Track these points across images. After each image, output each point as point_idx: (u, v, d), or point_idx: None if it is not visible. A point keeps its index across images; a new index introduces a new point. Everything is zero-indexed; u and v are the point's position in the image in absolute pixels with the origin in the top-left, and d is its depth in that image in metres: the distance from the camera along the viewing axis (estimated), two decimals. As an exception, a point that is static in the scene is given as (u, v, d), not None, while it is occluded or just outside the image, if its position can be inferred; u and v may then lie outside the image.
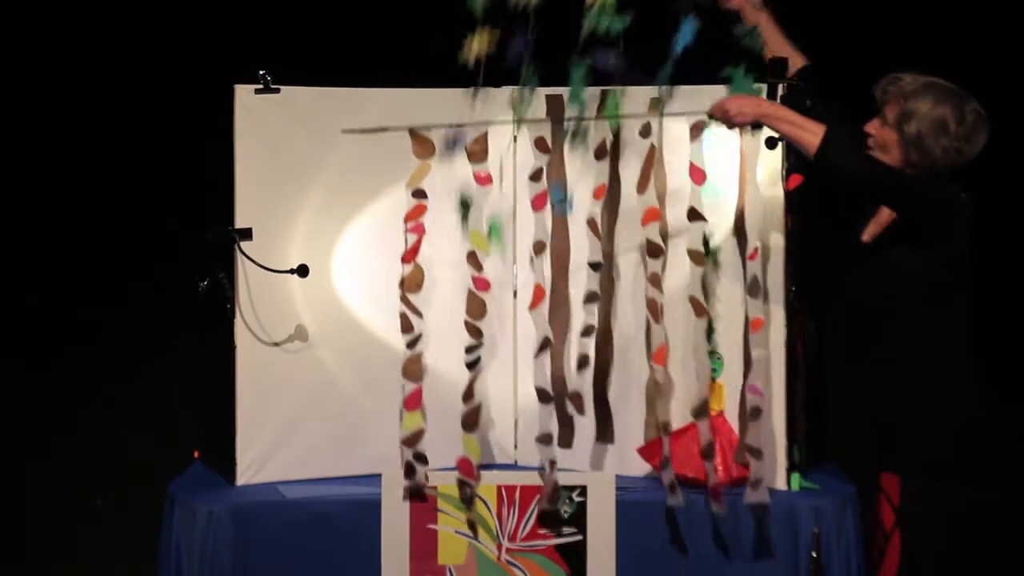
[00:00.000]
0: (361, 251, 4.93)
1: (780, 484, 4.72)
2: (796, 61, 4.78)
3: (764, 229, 4.71)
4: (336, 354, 4.89)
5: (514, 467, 5.01)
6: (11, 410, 5.59)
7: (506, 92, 4.93)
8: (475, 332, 4.83)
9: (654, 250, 4.75)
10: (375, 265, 4.94)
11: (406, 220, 4.86)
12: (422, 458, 4.67)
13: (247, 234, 4.76)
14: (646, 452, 4.81)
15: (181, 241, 5.19)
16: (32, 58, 5.58)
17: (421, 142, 4.90)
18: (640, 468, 4.85)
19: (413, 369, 4.81)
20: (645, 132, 4.79)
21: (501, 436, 5.05)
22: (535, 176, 4.92)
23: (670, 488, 4.56)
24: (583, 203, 4.89)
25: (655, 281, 4.75)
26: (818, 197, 4.79)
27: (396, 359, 4.92)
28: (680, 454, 4.74)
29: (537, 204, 4.92)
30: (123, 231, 5.56)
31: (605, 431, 4.92)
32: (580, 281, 4.92)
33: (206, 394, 5.16)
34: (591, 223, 4.84)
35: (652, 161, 4.78)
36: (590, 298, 4.84)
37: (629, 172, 4.85)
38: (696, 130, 4.73)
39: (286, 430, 4.83)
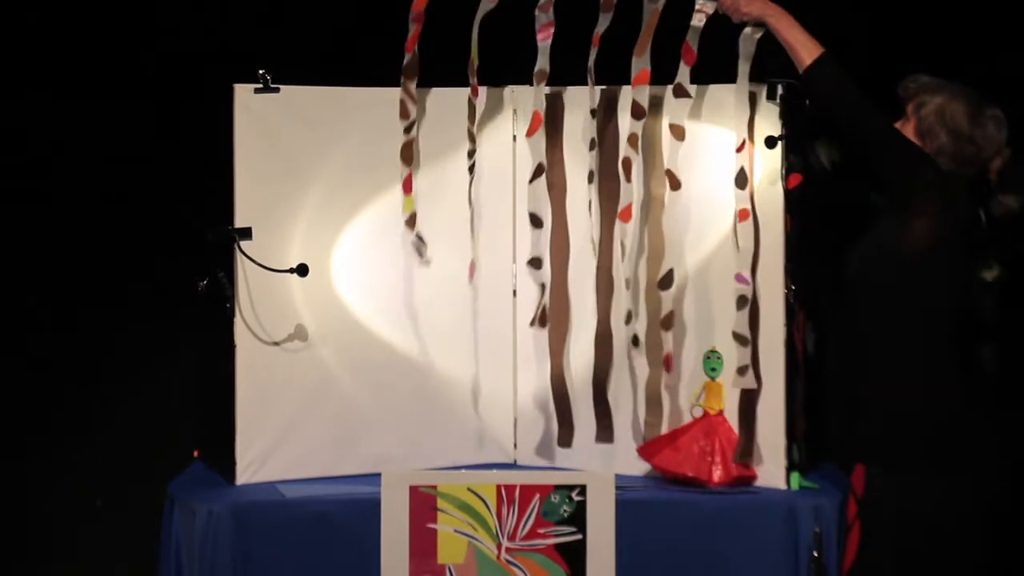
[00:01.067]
0: (361, 250, 4.94)
1: (780, 483, 4.72)
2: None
3: (763, 228, 4.72)
4: (336, 353, 4.90)
5: (513, 466, 5.02)
6: (11, 410, 5.58)
7: (505, 91, 4.96)
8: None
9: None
10: (375, 264, 4.94)
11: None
12: (420, 238, 4.91)
13: (247, 233, 4.76)
14: (646, 452, 4.82)
15: (181, 240, 5.18)
16: (32, 55, 5.58)
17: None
18: (640, 468, 4.85)
19: (407, 154, 4.87)
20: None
21: (500, 435, 5.06)
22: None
23: None
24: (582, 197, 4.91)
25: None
26: (818, 196, 4.79)
27: (396, 358, 4.94)
28: (680, 453, 4.75)
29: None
30: (122, 230, 5.54)
31: (605, 430, 4.93)
32: (579, 280, 4.93)
33: (206, 394, 5.16)
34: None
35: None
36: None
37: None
38: (700, 13, 4.69)
39: (286, 429, 4.83)
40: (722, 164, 4.78)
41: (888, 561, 4.27)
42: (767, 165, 4.72)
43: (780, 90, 4.68)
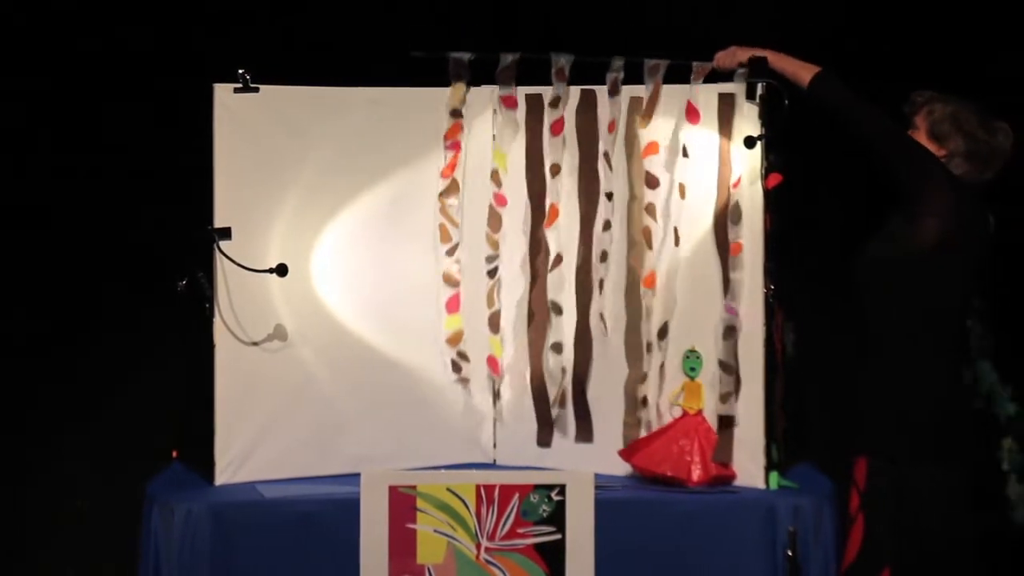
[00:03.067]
0: (341, 250, 4.93)
1: (759, 483, 4.72)
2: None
3: (742, 228, 4.73)
4: (315, 353, 4.89)
5: (493, 466, 5.02)
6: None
7: (486, 91, 4.96)
8: (493, 244, 4.99)
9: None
10: (354, 264, 4.94)
11: (445, 138, 4.97)
12: (464, 356, 4.99)
13: (226, 233, 4.75)
14: (626, 453, 4.82)
15: (161, 241, 5.18)
16: (14, 55, 5.57)
17: (456, 64, 4.95)
18: (620, 468, 4.85)
19: (450, 276, 4.95)
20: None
21: (480, 435, 5.06)
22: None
23: None
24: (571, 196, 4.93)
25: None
26: (797, 196, 4.80)
27: (375, 358, 4.94)
28: (659, 452, 4.75)
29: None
30: (101, 230, 5.54)
31: (584, 430, 4.93)
32: (558, 280, 4.95)
33: (185, 394, 5.15)
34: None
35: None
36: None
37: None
38: (699, 74, 4.78)
39: (265, 429, 4.83)
40: (703, 163, 4.78)
41: (892, 551, 4.32)
42: (747, 165, 4.73)
43: (760, 90, 4.68)
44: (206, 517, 4.56)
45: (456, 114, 4.99)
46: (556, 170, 4.94)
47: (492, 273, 5.02)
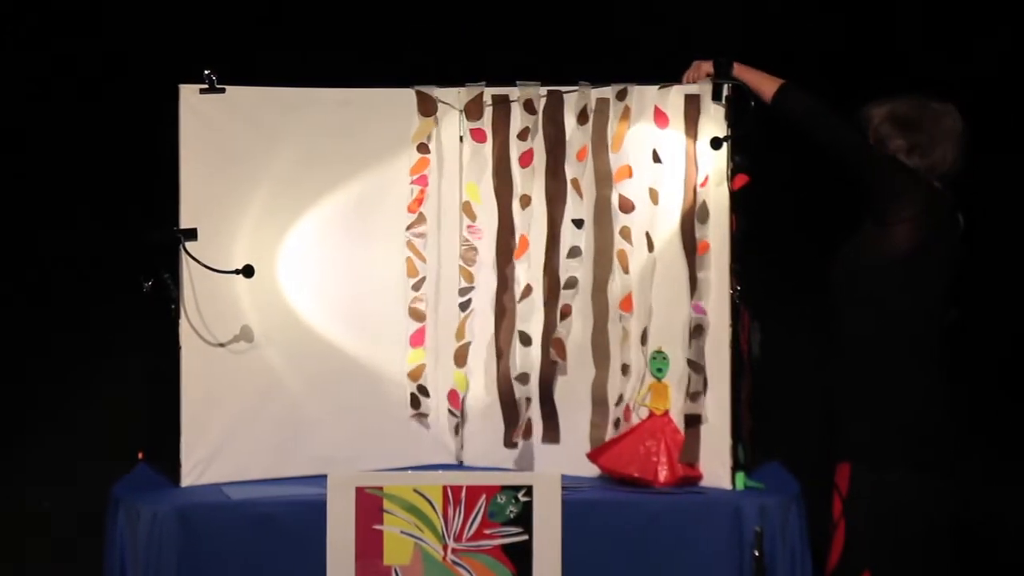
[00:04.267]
0: (307, 251, 4.92)
1: (725, 483, 4.73)
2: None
3: (709, 228, 4.73)
4: (281, 355, 4.89)
5: (459, 467, 5.02)
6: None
7: (453, 92, 4.96)
8: (468, 276, 4.98)
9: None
10: (320, 266, 4.93)
11: (411, 172, 4.96)
12: (424, 391, 4.98)
13: (192, 234, 4.74)
14: (594, 455, 4.83)
15: (125, 241, 5.16)
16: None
17: (424, 99, 4.94)
18: (587, 468, 4.85)
19: (417, 310, 4.93)
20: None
21: (446, 436, 5.06)
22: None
23: None
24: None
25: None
26: (763, 197, 4.82)
27: (341, 359, 4.94)
28: (626, 453, 4.76)
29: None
30: (64, 230, 5.52)
31: (551, 431, 4.94)
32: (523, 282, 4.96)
33: (151, 395, 5.14)
34: (574, 182, 4.89)
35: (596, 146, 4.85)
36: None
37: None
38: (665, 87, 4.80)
39: (231, 431, 4.82)
40: (671, 165, 4.79)
41: (874, 556, 4.33)
42: (713, 166, 4.74)
43: (726, 91, 4.69)
44: (172, 519, 4.56)
45: (423, 148, 4.99)
46: (526, 201, 4.94)
47: (464, 306, 5.01)
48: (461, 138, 5.01)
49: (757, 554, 4.54)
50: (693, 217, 4.74)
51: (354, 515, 4.45)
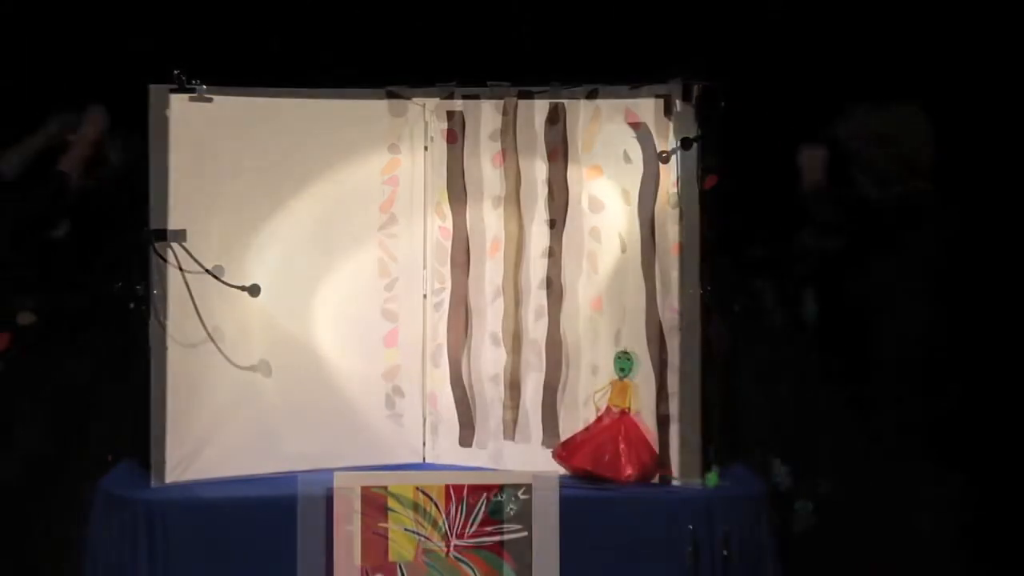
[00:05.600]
0: (282, 252, 4.93)
1: (694, 482, 4.75)
2: None
3: (679, 229, 4.75)
4: (254, 355, 4.89)
5: (423, 465, 5.04)
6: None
7: (424, 93, 4.98)
8: (439, 276, 5.02)
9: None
10: (295, 266, 4.94)
11: (382, 173, 4.98)
12: (399, 391, 4.99)
13: (167, 235, 4.75)
14: (560, 453, 4.84)
15: (101, 242, 5.18)
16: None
17: (395, 100, 4.97)
18: (552, 466, 4.85)
19: (390, 310, 4.96)
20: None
21: (420, 436, 5.08)
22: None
23: None
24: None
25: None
26: (735, 196, 4.83)
27: (315, 358, 4.95)
28: (592, 451, 4.77)
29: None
30: (40, 229, 5.53)
31: (511, 428, 4.96)
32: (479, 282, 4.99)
33: (126, 395, 5.15)
34: (545, 183, 4.89)
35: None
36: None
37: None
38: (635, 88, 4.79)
39: (207, 430, 4.82)
40: (640, 164, 4.80)
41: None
42: (684, 166, 4.75)
43: (696, 91, 4.70)
44: (148, 518, 4.57)
45: (394, 149, 5.00)
46: (498, 202, 4.95)
47: (437, 307, 5.04)
48: (432, 138, 5.02)
49: (725, 554, 4.56)
50: (664, 217, 4.76)
51: (325, 513, 4.51)
